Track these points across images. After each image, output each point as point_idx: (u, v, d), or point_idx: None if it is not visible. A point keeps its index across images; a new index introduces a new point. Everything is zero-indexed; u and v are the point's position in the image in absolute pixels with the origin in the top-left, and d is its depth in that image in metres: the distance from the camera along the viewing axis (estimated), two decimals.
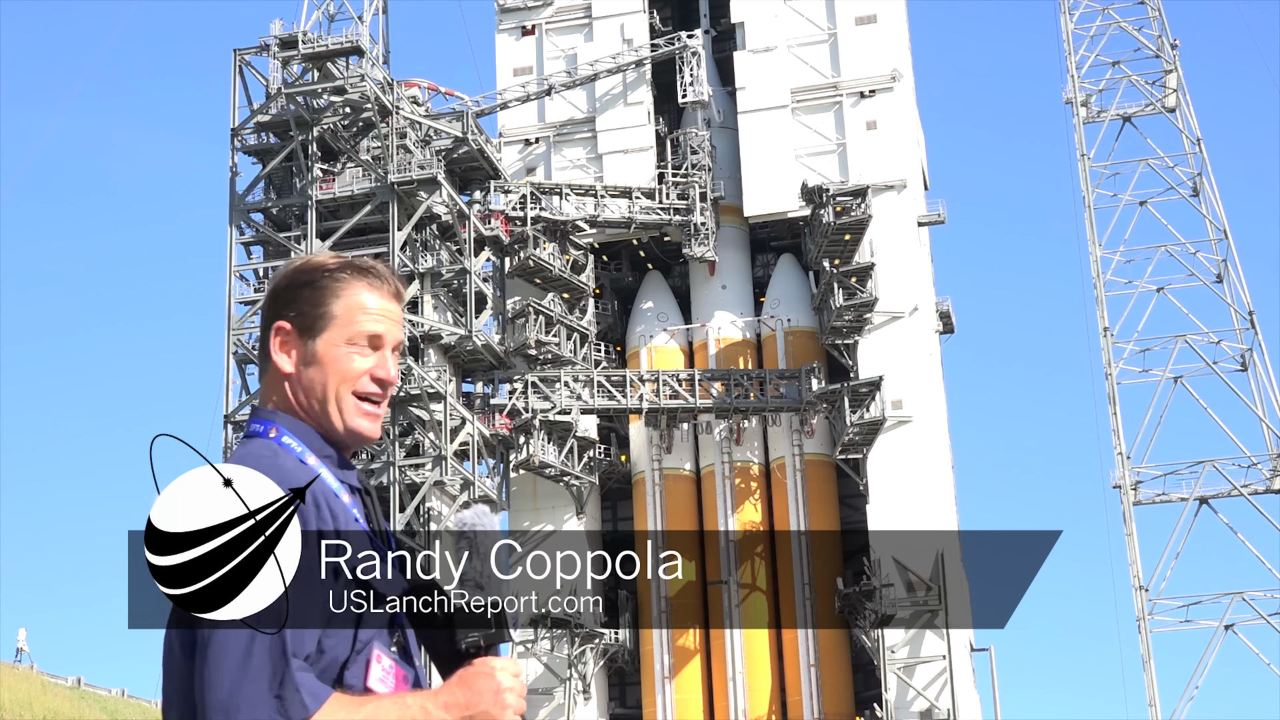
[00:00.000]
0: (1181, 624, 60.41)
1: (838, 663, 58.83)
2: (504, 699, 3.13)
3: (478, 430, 58.05)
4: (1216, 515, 61.10)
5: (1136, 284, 64.31)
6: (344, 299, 3.38)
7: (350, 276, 3.40)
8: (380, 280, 3.43)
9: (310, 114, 57.25)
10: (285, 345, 3.40)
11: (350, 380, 3.37)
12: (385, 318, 3.40)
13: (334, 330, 3.38)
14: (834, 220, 57.82)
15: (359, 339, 3.37)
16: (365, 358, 3.38)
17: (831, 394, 58.22)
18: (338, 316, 3.38)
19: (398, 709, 3.10)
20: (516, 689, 3.17)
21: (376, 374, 3.39)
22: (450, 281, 59.16)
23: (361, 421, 3.38)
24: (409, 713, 3.10)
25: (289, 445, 3.33)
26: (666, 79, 64.61)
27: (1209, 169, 64.94)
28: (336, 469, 3.37)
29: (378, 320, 3.39)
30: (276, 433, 3.36)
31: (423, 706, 3.10)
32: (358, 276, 3.41)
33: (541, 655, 58.55)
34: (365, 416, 3.39)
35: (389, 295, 3.43)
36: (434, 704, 3.11)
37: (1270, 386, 61.42)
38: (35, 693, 41.45)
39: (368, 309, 3.38)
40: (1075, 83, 66.66)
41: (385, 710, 3.10)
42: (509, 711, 3.14)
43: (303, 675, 3.06)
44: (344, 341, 3.37)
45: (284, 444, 3.33)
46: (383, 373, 3.40)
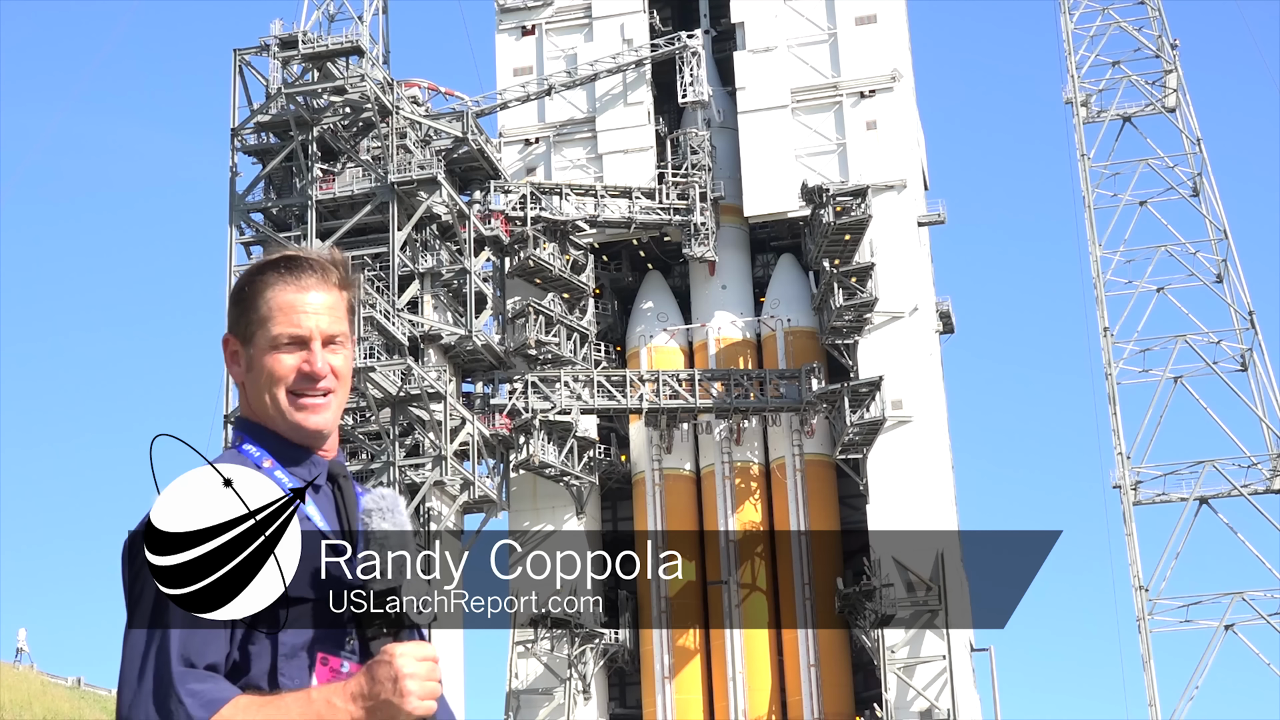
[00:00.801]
0: (1181, 624, 60.42)
1: (838, 663, 58.83)
2: (404, 686, 3.06)
3: (478, 430, 58.05)
4: (1216, 515, 61.13)
5: (1136, 284, 64.34)
6: (268, 301, 3.38)
7: (275, 275, 3.39)
8: (304, 273, 3.40)
9: (310, 114, 57.25)
10: (233, 357, 3.46)
11: (279, 382, 3.38)
12: (309, 312, 3.38)
13: (261, 334, 3.40)
14: (834, 220, 57.82)
15: (280, 340, 3.37)
16: (292, 355, 3.37)
17: (831, 394, 58.23)
18: (264, 320, 3.39)
19: (301, 705, 3.07)
20: (419, 673, 3.08)
21: (303, 369, 3.37)
22: (450, 281, 59.16)
23: (299, 415, 3.37)
24: (313, 708, 3.06)
25: (248, 452, 3.37)
26: (666, 79, 64.61)
27: (1209, 169, 65.01)
28: (298, 468, 3.37)
29: (300, 318, 3.37)
30: (240, 440, 3.41)
31: (328, 700, 3.07)
32: (282, 275, 3.39)
33: (541, 655, 58.56)
34: (302, 409, 3.38)
35: (318, 285, 3.40)
36: (339, 696, 3.07)
37: (1270, 386, 61.43)
38: (35, 693, 41.45)
39: (291, 308, 3.37)
40: (1075, 83, 66.66)
41: (287, 706, 3.07)
42: (410, 698, 3.06)
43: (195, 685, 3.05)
44: (269, 345, 3.38)
45: (244, 450, 3.37)
46: (308, 367, 3.37)
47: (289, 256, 3.43)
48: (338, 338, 3.41)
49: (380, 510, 3.22)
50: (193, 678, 3.06)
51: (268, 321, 3.37)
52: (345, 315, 3.46)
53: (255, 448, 3.37)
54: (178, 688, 3.04)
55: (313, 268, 3.40)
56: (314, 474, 3.39)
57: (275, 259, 3.43)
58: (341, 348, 3.43)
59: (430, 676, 3.10)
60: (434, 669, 3.12)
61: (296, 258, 3.43)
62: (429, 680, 3.10)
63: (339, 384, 3.42)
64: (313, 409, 3.37)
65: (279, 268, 3.40)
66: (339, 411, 3.47)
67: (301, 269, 3.40)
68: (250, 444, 3.38)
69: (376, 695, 3.06)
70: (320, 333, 3.38)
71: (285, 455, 3.38)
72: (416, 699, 3.07)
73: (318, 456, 3.42)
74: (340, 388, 3.44)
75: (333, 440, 3.50)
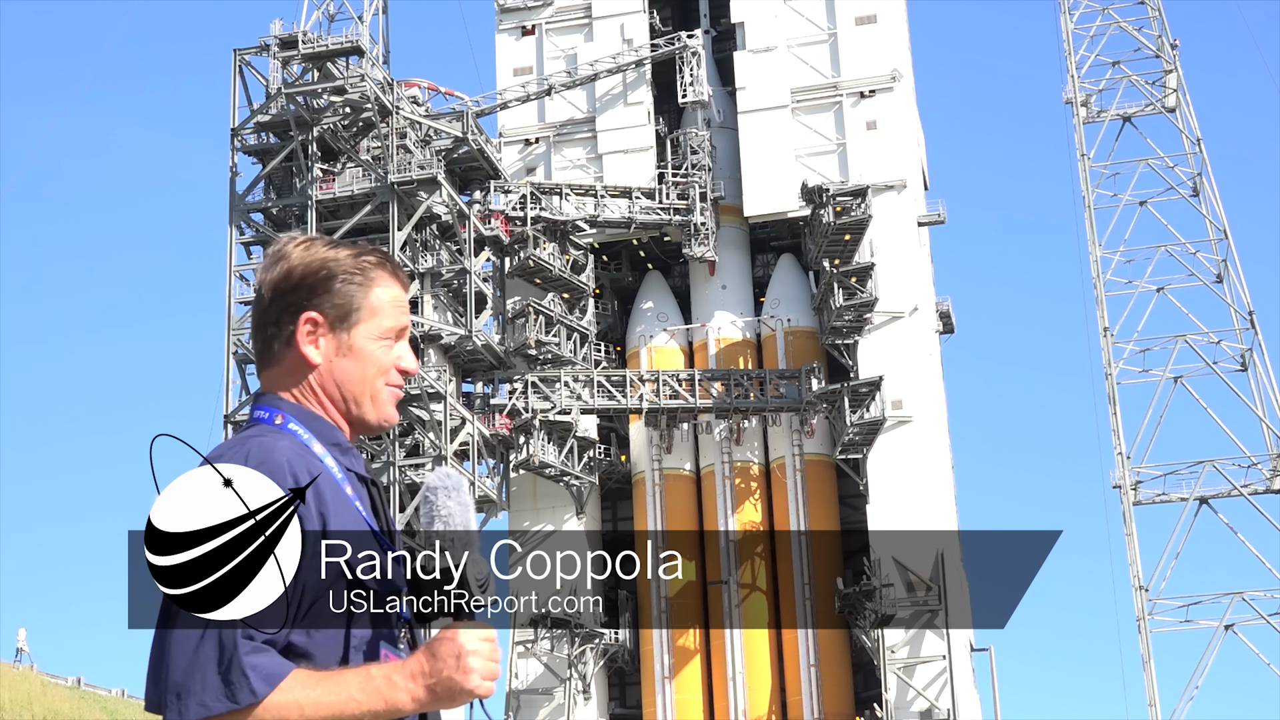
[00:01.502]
0: (1181, 624, 60.43)
1: (838, 663, 58.83)
2: (467, 663, 3.04)
3: (478, 430, 58.06)
4: (1216, 515, 61.13)
5: (1136, 284, 64.34)
6: (372, 292, 3.42)
7: (374, 269, 3.45)
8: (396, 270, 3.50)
9: (310, 114, 57.26)
10: (314, 336, 3.40)
11: (384, 373, 3.44)
12: (404, 309, 3.49)
13: (367, 323, 3.42)
14: (834, 220, 57.82)
15: (388, 333, 3.44)
16: (392, 350, 3.45)
17: (831, 394, 58.23)
18: (369, 309, 3.42)
19: (359, 679, 3.06)
20: (483, 652, 3.07)
21: (402, 365, 3.46)
22: (450, 281, 59.16)
23: (390, 409, 3.48)
24: (372, 683, 3.05)
25: (295, 432, 3.33)
26: (666, 79, 64.62)
27: (1209, 169, 65.02)
28: (343, 457, 3.36)
29: (404, 313, 3.48)
30: (283, 419, 3.36)
31: (387, 676, 3.06)
32: (389, 270, 3.48)
33: (541, 655, 58.57)
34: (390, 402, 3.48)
35: (401, 285, 3.50)
36: (400, 674, 3.06)
37: (1270, 386, 61.43)
38: (35, 693, 41.44)
39: (393, 302, 3.45)
40: (1075, 83, 66.66)
41: (346, 682, 3.05)
42: (473, 675, 3.05)
43: (255, 658, 3.03)
44: (376, 335, 3.42)
45: (290, 430, 3.33)
46: (407, 364, 3.48)
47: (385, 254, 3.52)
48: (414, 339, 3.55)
49: (446, 489, 3.21)
50: (253, 649, 3.04)
51: (379, 313, 3.42)
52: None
53: (301, 428, 3.35)
54: (242, 659, 3.02)
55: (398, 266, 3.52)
56: (353, 464, 3.39)
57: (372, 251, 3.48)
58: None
59: (492, 656, 3.09)
60: (495, 649, 3.11)
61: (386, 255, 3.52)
62: (490, 660, 3.08)
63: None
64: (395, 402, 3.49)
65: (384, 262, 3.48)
66: None
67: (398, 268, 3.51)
68: (296, 423, 3.36)
69: (439, 672, 3.05)
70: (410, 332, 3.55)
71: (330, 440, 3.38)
72: (479, 677, 3.05)
73: (351, 446, 3.43)
74: None
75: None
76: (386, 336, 3.43)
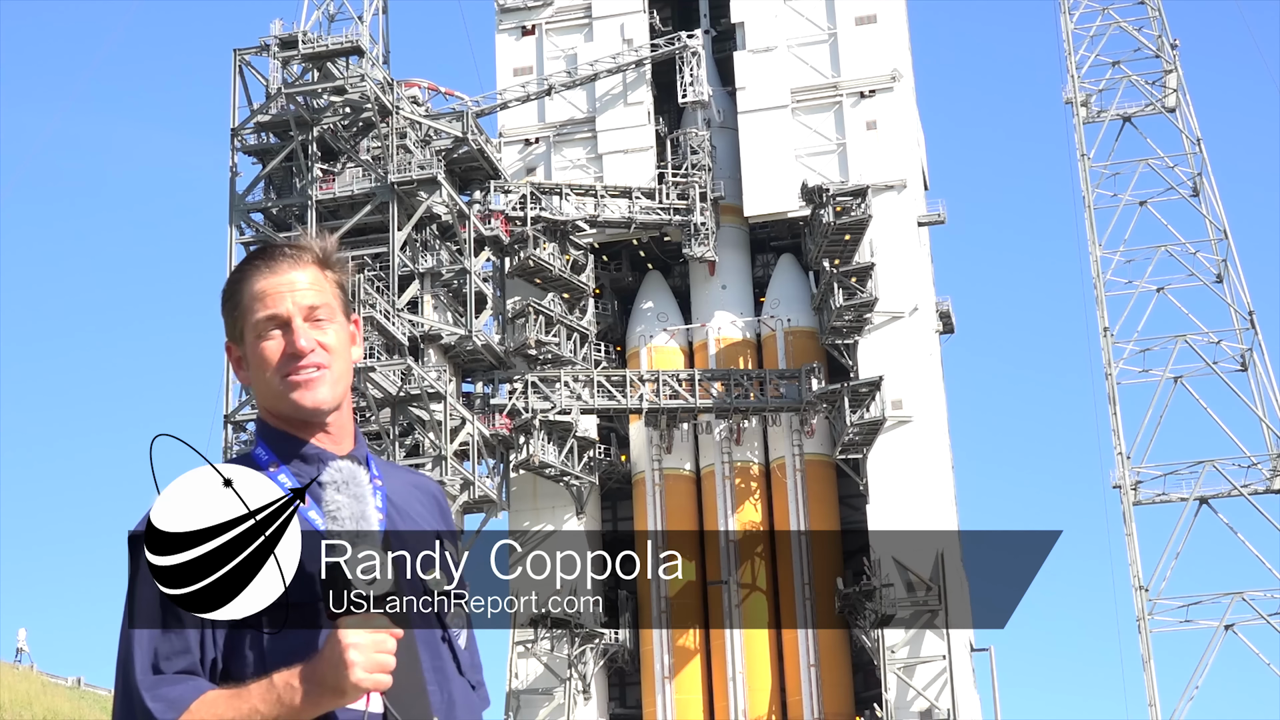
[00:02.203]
0: (1181, 624, 60.41)
1: (838, 663, 58.83)
2: (347, 657, 3.00)
3: (478, 430, 58.05)
4: (1216, 515, 61.11)
5: (1136, 284, 64.32)
6: (244, 295, 3.38)
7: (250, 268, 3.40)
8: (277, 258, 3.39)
9: (310, 114, 57.25)
10: (237, 363, 3.46)
11: (270, 367, 3.36)
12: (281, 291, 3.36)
13: (247, 327, 3.39)
14: (834, 220, 57.82)
15: (261, 326, 3.36)
16: (276, 339, 3.36)
17: (831, 394, 58.22)
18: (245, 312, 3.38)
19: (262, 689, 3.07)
20: (364, 645, 3.02)
21: (289, 350, 3.35)
22: (450, 281, 59.16)
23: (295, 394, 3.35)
24: (274, 692, 3.06)
25: (258, 455, 3.38)
26: (666, 79, 64.61)
27: (1209, 169, 64.98)
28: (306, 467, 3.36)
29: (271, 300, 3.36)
30: (255, 444, 3.43)
31: (287, 683, 3.06)
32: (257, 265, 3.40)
33: (541, 655, 58.57)
34: (296, 387, 3.36)
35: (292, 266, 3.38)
36: (296, 678, 3.06)
37: (1270, 386, 61.42)
38: (35, 693, 41.45)
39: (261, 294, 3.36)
40: (1075, 83, 66.65)
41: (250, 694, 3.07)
42: (355, 669, 3.00)
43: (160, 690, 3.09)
44: (255, 335, 3.37)
45: (255, 455, 3.39)
46: (292, 347, 3.35)
47: (262, 248, 3.45)
48: (319, 310, 3.38)
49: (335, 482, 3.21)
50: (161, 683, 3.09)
51: (249, 312, 3.37)
52: (331, 290, 3.43)
53: (265, 451, 3.38)
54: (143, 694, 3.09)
55: (285, 252, 3.40)
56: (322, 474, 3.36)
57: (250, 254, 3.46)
58: (328, 322, 3.40)
59: (379, 648, 3.03)
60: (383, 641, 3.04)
61: (268, 246, 3.44)
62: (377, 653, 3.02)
63: (331, 357, 3.39)
64: (306, 385, 3.35)
65: (253, 260, 3.42)
66: (338, 386, 3.43)
67: (274, 255, 3.40)
68: (261, 447, 3.40)
69: (324, 672, 3.03)
70: (299, 309, 3.36)
71: (292, 452, 3.37)
72: (361, 670, 3.00)
73: (327, 454, 3.37)
74: (335, 361, 3.40)
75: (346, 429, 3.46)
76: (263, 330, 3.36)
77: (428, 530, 3.50)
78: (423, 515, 3.55)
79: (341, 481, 3.17)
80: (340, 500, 3.15)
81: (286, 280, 3.36)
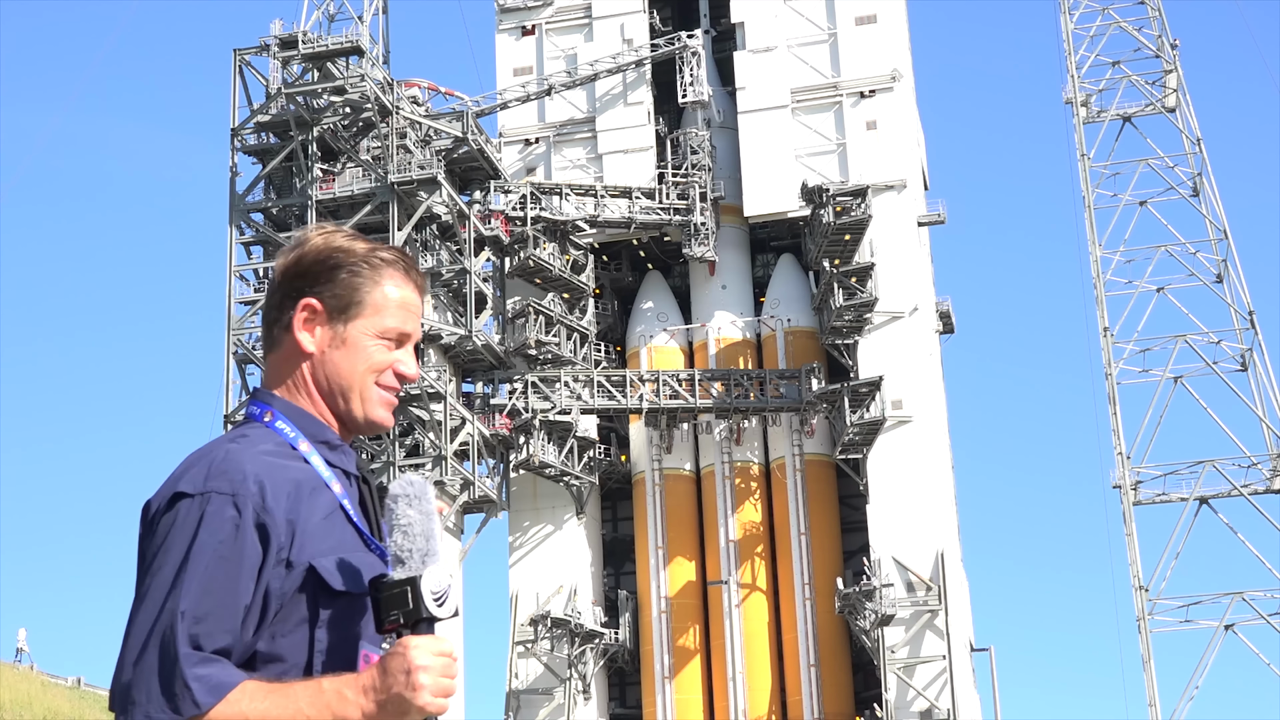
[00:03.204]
0: (1181, 624, 60.42)
1: (838, 663, 58.83)
2: (416, 679, 2.93)
3: (478, 430, 58.05)
4: (1216, 515, 61.12)
5: (1136, 284, 64.32)
6: (379, 288, 3.32)
7: (396, 269, 3.36)
8: (411, 273, 3.39)
9: (310, 114, 57.25)
10: (310, 323, 3.33)
11: (377, 371, 3.31)
12: (413, 314, 3.37)
13: (367, 319, 3.31)
14: (834, 220, 57.82)
15: (389, 333, 3.32)
16: (392, 351, 3.34)
17: (831, 394, 58.22)
18: (372, 305, 3.31)
19: (310, 693, 2.99)
20: (433, 667, 2.95)
21: (399, 369, 3.33)
22: (450, 281, 59.16)
23: (381, 411, 3.33)
24: (323, 697, 2.98)
25: (282, 430, 3.28)
26: (666, 79, 64.62)
27: (1209, 169, 65.01)
28: (331, 454, 3.30)
29: (407, 316, 3.34)
30: (271, 416, 3.31)
31: (338, 692, 2.98)
32: (393, 267, 3.36)
33: (541, 655, 58.55)
34: (385, 406, 3.34)
35: (416, 289, 3.39)
36: (351, 689, 2.98)
37: (1270, 386, 61.41)
38: (35, 693, 41.45)
39: (400, 303, 3.34)
40: (1075, 83, 66.65)
41: (296, 694, 2.99)
42: (423, 693, 2.93)
43: (201, 669, 2.97)
44: (375, 332, 3.32)
45: (277, 429, 3.28)
46: (406, 369, 3.34)
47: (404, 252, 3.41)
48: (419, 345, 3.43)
49: (408, 496, 3.08)
50: (200, 661, 2.98)
51: (383, 311, 3.31)
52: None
53: (289, 425, 3.29)
54: (184, 670, 2.96)
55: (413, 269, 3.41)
56: (343, 462, 3.32)
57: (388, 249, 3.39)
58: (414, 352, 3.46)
59: (445, 673, 2.97)
60: (449, 665, 2.99)
61: (410, 257, 3.42)
62: (444, 676, 2.97)
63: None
64: (388, 406, 3.35)
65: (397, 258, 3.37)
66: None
67: (413, 269, 3.40)
68: (284, 420, 3.30)
69: (389, 688, 2.95)
70: (417, 336, 3.40)
71: (318, 437, 3.31)
72: (429, 694, 2.95)
73: (346, 447, 3.35)
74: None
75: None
76: (387, 336, 3.32)
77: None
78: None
79: (414, 495, 3.08)
80: (412, 515, 3.06)
81: (418, 304, 3.38)
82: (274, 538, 3.08)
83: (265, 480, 3.11)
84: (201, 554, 3.04)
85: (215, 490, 3.09)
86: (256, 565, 3.06)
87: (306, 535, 3.12)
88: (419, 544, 3.03)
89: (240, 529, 3.06)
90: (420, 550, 3.02)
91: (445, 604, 3.00)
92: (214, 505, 3.07)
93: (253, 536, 3.06)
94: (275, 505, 3.09)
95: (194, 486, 3.10)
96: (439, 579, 3.01)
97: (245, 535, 3.06)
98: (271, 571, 3.07)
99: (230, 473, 3.11)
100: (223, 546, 3.05)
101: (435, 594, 2.99)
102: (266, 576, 3.07)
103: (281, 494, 3.11)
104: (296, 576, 3.10)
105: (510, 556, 60.16)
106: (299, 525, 3.12)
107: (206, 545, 3.04)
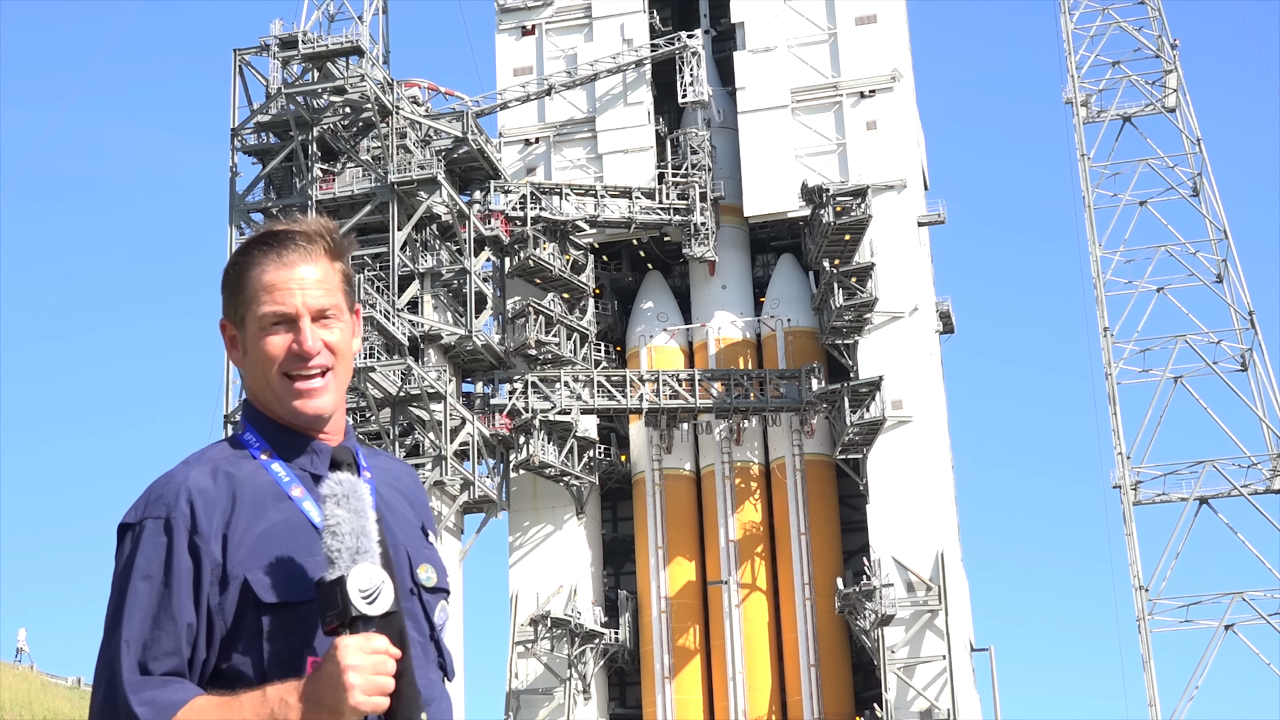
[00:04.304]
0: (1181, 624, 60.41)
1: (838, 663, 58.82)
2: (346, 679, 2.88)
3: (478, 430, 58.05)
4: (1216, 515, 61.11)
5: (1136, 284, 64.31)
6: (254, 280, 3.22)
7: (259, 253, 3.24)
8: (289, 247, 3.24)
9: (310, 114, 57.24)
10: (231, 342, 3.31)
11: (272, 363, 3.21)
12: (295, 289, 3.21)
13: (250, 316, 3.24)
14: (834, 220, 57.82)
15: (268, 320, 3.21)
16: (281, 336, 3.21)
17: (831, 394, 58.22)
18: (250, 300, 3.23)
19: (255, 703, 2.97)
20: (364, 666, 2.90)
21: (293, 349, 3.21)
22: (450, 281, 59.16)
23: (297, 401, 3.22)
24: (266, 706, 2.96)
25: (247, 440, 3.27)
26: (666, 79, 64.61)
27: (1209, 169, 64.98)
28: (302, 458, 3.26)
29: (280, 295, 3.20)
30: (243, 428, 3.31)
31: (281, 698, 2.96)
32: (266, 252, 3.24)
33: (541, 655, 58.55)
34: (299, 395, 3.22)
35: (304, 259, 3.23)
36: (293, 694, 2.96)
37: (1270, 386, 61.41)
38: (35, 693, 41.44)
39: (276, 285, 3.21)
40: (1075, 83, 66.63)
41: (241, 706, 2.97)
42: (354, 692, 2.88)
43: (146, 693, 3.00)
44: (258, 328, 3.22)
45: (243, 438, 3.28)
46: (297, 346, 3.20)
47: (273, 232, 3.27)
48: (329, 311, 3.24)
49: (335, 496, 3.05)
50: (148, 685, 3.00)
51: (254, 302, 3.21)
52: (339, 287, 3.27)
53: (254, 436, 3.26)
54: (129, 698, 2.99)
55: (297, 241, 3.24)
56: (314, 465, 3.25)
57: (259, 235, 3.28)
58: (335, 321, 3.25)
59: (378, 670, 2.92)
60: (382, 663, 2.93)
61: (280, 232, 3.27)
62: (376, 674, 2.92)
63: (336, 360, 3.25)
64: (309, 393, 3.22)
65: (263, 244, 3.24)
66: (340, 390, 3.31)
67: (285, 243, 3.23)
68: (250, 432, 3.27)
69: (322, 690, 2.92)
70: (309, 308, 3.21)
71: (284, 442, 3.26)
72: (360, 693, 2.90)
73: (319, 444, 3.27)
74: (339, 364, 3.26)
75: (338, 421, 3.34)
76: (265, 326, 3.20)
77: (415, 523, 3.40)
78: (406, 506, 3.41)
79: (341, 495, 3.04)
80: (340, 515, 3.02)
81: (297, 276, 3.21)
82: (206, 556, 3.09)
83: (198, 499, 3.13)
84: (137, 581, 3.09)
85: (150, 516, 3.13)
86: (191, 585, 3.08)
87: (244, 549, 3.12)
88: (348, 543, 3.00)
89: (173, 551, 3.09)
90: (350, 549, 3.00)
91: (376, 602, 2.96)
92: (148, 531, 3.12)
93: (185, 558, 3.09)
94: (207, 523, 3.11)
95: (133, 516, 3.16)
96: (368, 577, 2.97)
97: (177, 557, 3.09)
98: (210, 589, 3.09)
99: (166, 496, 3.14)
100: (156, 571, 3.08)
101: (364, 592, 2.96)
102: (205, 594, 3.09)
103: (215, 510, 3.12)
104: (234, 591, 3.10)
105: (510, 556, 60.18)
106: (234, 540, 3.12)
107: (140, 572, 3.09)
